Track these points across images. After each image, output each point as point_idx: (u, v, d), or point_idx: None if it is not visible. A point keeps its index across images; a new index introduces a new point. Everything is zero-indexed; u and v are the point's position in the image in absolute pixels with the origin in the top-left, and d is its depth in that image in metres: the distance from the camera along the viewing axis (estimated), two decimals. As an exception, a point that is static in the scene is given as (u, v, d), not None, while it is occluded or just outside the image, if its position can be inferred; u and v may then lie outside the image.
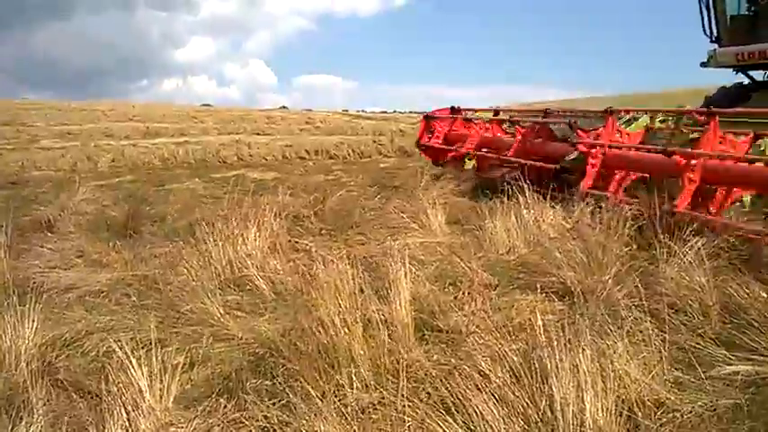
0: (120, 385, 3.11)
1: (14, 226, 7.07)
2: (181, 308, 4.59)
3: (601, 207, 5.96)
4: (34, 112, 27.90)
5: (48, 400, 3.30)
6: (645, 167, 7.04)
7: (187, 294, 4.83)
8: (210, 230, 5.88)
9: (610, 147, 7.22)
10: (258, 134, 24.25)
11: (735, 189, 6.25)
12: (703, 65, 10.97)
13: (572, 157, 7.48)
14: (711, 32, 10.94)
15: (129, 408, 2.97)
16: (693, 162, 5.93)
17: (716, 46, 10.96)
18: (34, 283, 5.33)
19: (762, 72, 10.86)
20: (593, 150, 7.20)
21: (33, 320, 3.95)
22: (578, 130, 7.62)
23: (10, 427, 3.00)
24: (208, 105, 46.10)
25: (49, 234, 7.30)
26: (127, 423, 2.90)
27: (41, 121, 25.45)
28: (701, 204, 6.14)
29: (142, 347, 3.46)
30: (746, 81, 11.09)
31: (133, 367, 3.16)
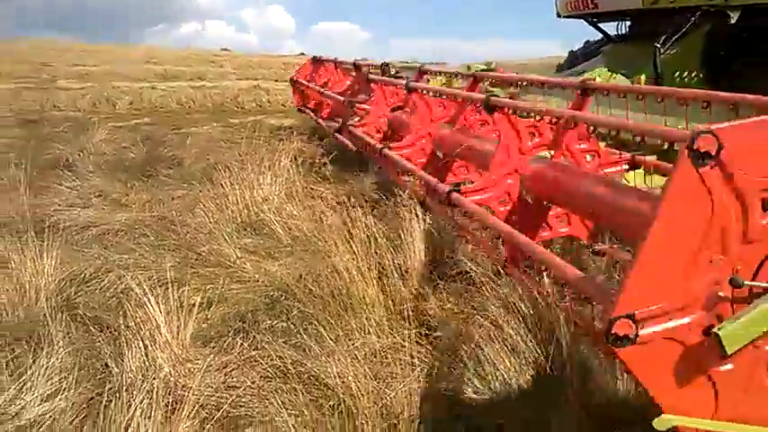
0: (138, 321, 3.17)
1: (34, 164, 7.14)
2: (198, 249, 4.64)
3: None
4: (52, 53, 27.80)
5: (67, 334, 3.37)
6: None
7: (204, 236, 4.88)
8: (227, 175, 5.91)
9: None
10: (276, 80, 24.06)
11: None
12: (558, 15, 10.38)
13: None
14: None
15: (147, 342, 3.03)
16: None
17: None
18: (53, 220, 5.41)
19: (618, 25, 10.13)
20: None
21: (52, 256, 4.02)
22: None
23: (31, 358, 3.08)
24: (226, 50, 45.69)
25: (68, 173, 7.35)
26: (144, 357, 2.96)
27: (59, 61, 25.38)
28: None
29: (160, 286, 3.52)
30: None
31: (151, 304, 3.21)
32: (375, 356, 3.09)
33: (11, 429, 2.67)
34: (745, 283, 1.75)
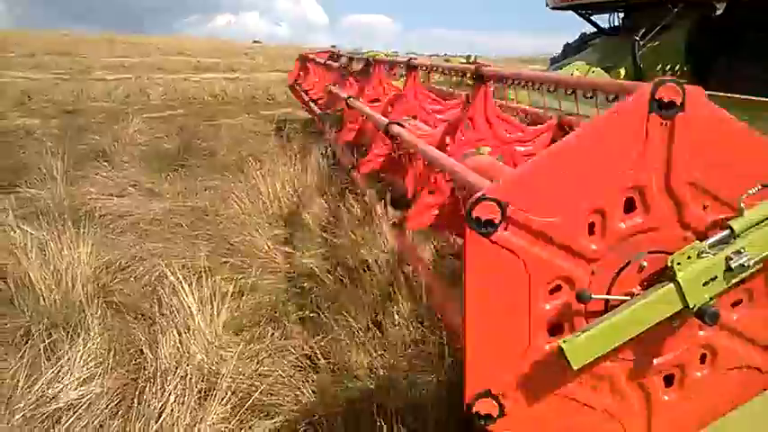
0: (173, 309, 3.23)
1: (70, 154, 7.26)
2: (230, 239, 4.70)
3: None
4: (88, 45, 28.20)
5: (103, 320, 3.44)
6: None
7: (236, 227, 4.95)
8: (259, 166, 5.96)
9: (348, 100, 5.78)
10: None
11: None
12: (547, 6, 9.98)
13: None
14: None
15: (181, 330, 3.09)
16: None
17: None
18: (89, 208, 5.51)
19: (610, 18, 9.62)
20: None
21: (88, 244, 4.09)
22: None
23: (68, 344, 3.15)
24: (258, 42, 45.95)
25: (104, 163, 7.47)
26: (178, 344, 3.01)
27: (95, 53, 25.73)
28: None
29: (193, 274, 3.56)
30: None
31: (185, 292, 3.26)
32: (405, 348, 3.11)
33: (49, 412, 2.74)
34: (593, 296, 1.58)
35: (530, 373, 1.60)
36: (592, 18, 9.58)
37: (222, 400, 2.71)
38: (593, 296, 1.58)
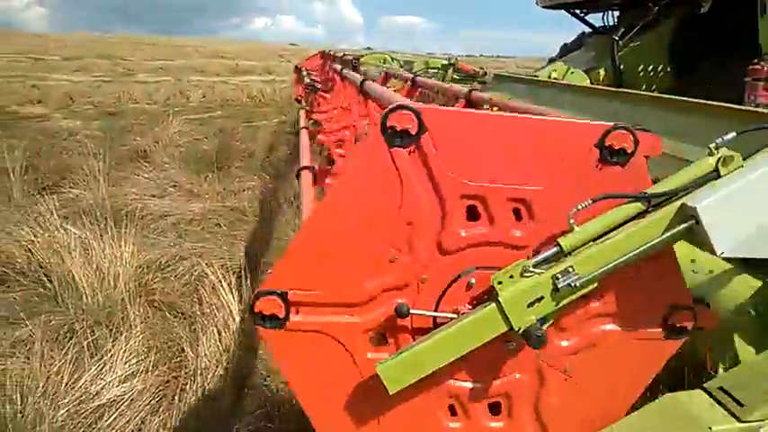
0: (213, 307, 3.25)
1: (112, 155, 7.39)
2: (269, 239, 4.73)
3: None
4: (129, 47, 28.69)
5: (144, 319, 3.48)
6: None
7: (275, 227, 4.98)
8: (294, 168, 5.99)
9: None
10: (344, 74, 24.23)
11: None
12: (537, 4, 9.59)
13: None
14: None
15: (221, 328, 3.11)
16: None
17: None
18: (130, 209, 5.59)
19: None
20: None
21: (130, 244, 4.15)
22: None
23: (111, 342, 3.20)
24: (294, 44, 46.34)
25: (145, 164, 7.57)
26: (218, 342, 3.04)
27: (136, 55, 26.18)
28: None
29: (232, 273, 3.59)
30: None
31: (224, 291, 3.29)
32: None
33: (92, 408, 2.78)
34: (411, 311, 1.47)
35: (333, 309, 1.51)
36: (586, 17, 9.26)
37: (260, 398, 2.73)
38: (411, 311, 1.47)
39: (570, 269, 1.43)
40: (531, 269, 1.44)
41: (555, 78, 7.11)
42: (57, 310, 3.68)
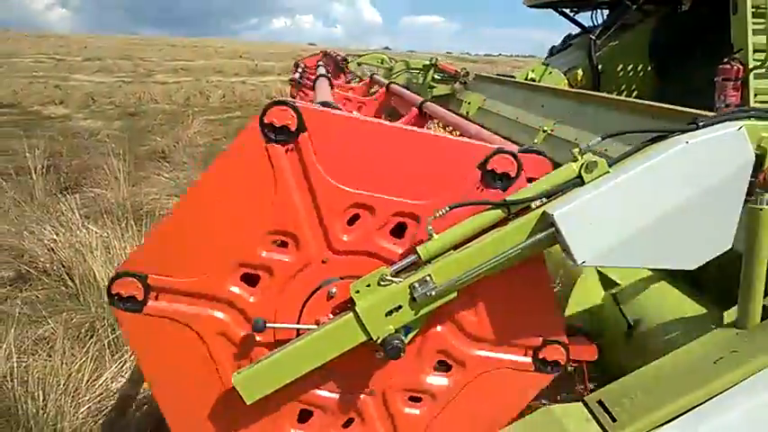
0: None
1: (132, 154, 7.45)
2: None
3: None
4: (149, 48, 28.92)
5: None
6: None
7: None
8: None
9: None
10: (363, 75, 24.27)
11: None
12: (524, 4, 9.32)
13: None
14: None
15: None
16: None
17: None
18: (150, 208, 5.64)
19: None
20: None
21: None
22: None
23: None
24: (313, 44, 46.51)
25: (165, 163, 7.63)
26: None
27: (156, 56, 26.38)
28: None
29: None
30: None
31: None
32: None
33: (113, 405, 2.81)
34: (268, 325, 1.41)
35: (192, 298, 1.45)
36: (575, 17, 9.03)
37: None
38: (267, 325, 1.41)
39: (428, 278, 1.39)
40: (389, 278, 1.40)
41: (532, 79, 7.00)
42: (78, 308, 3.73)
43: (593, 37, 6.99)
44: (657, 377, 1.61)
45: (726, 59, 5.01)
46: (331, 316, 1.46)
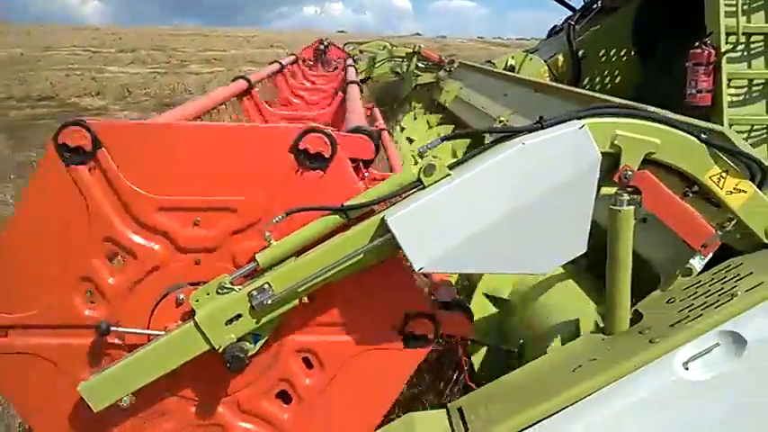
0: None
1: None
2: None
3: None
4: (182, 39, 29.16)
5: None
6: None
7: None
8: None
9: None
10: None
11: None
12: None
13: None
14: None
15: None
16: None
17: None
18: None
19: None
20: None
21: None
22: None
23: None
24: (342, 32, 46.47)
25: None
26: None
27: (189, 47, 26.59)
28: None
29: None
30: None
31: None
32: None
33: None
34: (112, 329, 1.40)
35: (35, 330, 1.46)
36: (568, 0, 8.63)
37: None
38: (111, 328, 1.41)
39: (266, 286, 1.36)
40: (228, 285, 1.37)
41: (512, 66, 6.87)
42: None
43: (572, 22, 6.77)
44: (517, 385, 1.56)
45: (696, 43, 4.76)
46: (180, 322, 1.43)
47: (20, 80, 17.36)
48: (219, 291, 1.37)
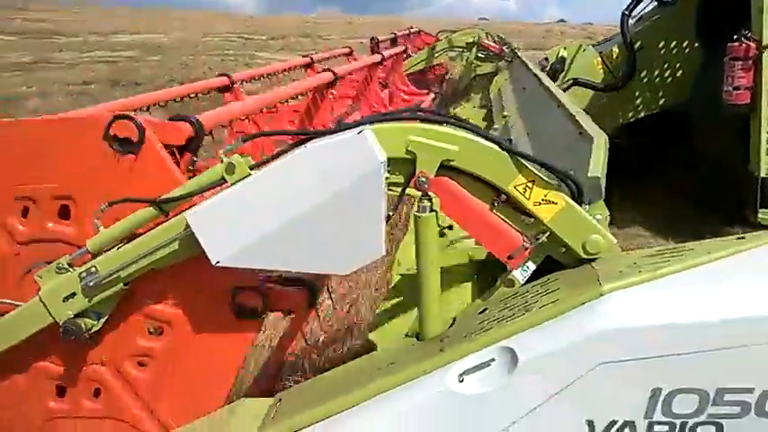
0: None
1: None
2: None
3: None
4: (327, 26, 30.03)
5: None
6: None
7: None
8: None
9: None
10: (534, 50, 23.83)
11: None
12: None
13: None
14: None
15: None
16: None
17: None
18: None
19: None
20: None
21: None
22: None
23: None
24: (484, 19, 46.03)
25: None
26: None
27: (335, 33, 27.38)
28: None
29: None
30: None
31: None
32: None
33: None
34: None
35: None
36: None
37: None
38: None
39: (93, 269, 1.51)
40: (65, 266, 1.54)
41: (563, 57, 6.60)
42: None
43: (626, 11, 6.32)
44: (320, 385, 1.61)
45: (736, 36, 4.46)
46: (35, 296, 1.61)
47: (182, 64, 18.52)
48: (57, 270, 1.56)
